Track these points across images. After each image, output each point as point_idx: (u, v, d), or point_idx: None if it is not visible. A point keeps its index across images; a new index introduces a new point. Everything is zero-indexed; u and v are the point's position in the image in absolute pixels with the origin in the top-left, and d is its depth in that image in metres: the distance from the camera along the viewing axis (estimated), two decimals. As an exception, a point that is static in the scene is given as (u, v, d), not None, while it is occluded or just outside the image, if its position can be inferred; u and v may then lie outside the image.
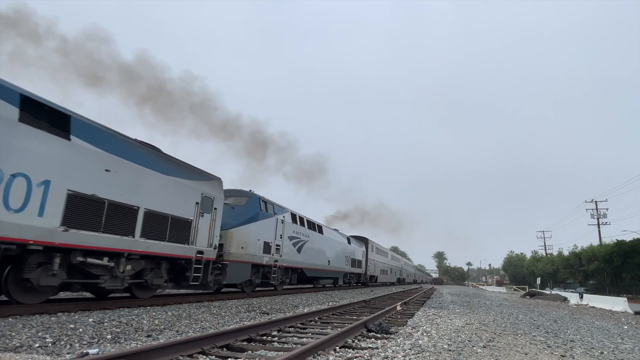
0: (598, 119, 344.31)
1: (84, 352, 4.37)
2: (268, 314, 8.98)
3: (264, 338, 5.68)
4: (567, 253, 62.93)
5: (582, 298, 24.96)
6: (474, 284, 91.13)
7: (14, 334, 4.98)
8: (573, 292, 36.81)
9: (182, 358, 4.20)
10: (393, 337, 6.24)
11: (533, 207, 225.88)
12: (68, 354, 4.35)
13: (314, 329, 6.80)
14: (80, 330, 5.55)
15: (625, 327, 10.94)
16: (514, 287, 63.21)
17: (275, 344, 5.35)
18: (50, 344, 4.73)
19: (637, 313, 16.51)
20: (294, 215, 18.17)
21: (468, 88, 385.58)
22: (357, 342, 5.72)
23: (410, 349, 5.06)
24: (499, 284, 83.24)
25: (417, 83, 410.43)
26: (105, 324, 6.12)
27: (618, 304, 19.79)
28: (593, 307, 20.97)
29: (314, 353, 4.59)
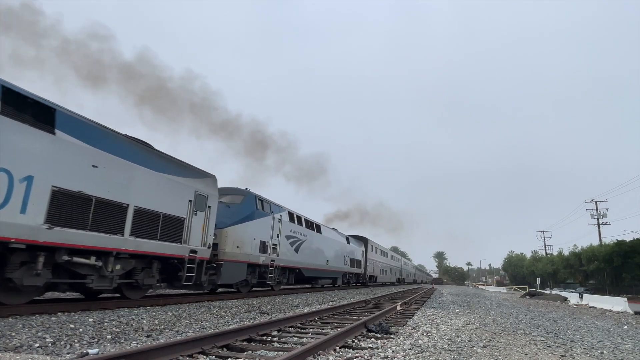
0: (598, 119, 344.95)
1: (84, 352, 4.37)
2: (268, 314, 8.98)
3: (264, 338, 5.68)
4: (567, 253, 63.05)
5: (582, 298, 24.96)
6: (474, 284, 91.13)
7: (14, 334, 4.98)
8: (573, 292, 36.81)
9: (182, 358, 4.20)
10: (393, 337, 6.24)
11: (533, 207, 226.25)
12: (68, 354, 4.35)
13: (314, 329, 6.80)
14: (80, 330, 5.55)
15: (625, 327, 10.94)
16: (514, 287, 63.22)
17: (275, 344, 5.35)
18: (50, 344, 4.74)
19: (637, 313, 16.51)
20: (292, 214, 17.98)
21: (468, 88, 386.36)
22: (357, 342, 5.72)
23: (410, 349, 5.07)
24: (499, 284, 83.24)
25: (417, 83, 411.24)
26: (105, 324, 6.12)
27: (618, 304, 19.80)
28: (593, 307, 20.97)
29: (314, 353, 4.59)
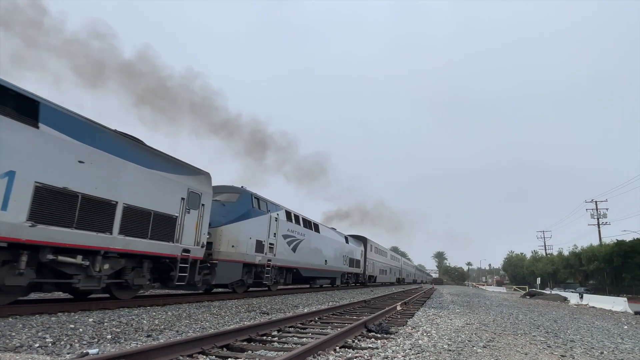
0: (598, 119, 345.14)
1: (84, 352, 4.37)
2: (268, 314, 8.98)
3: (264, 338, 5.68)
4: (567, 253, 63.05)
5: (582, 298, 24.96)
6: (474, 284, 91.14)
7: (14, 334, 4.99)
8: (573, 292, 36.82)
9: (182, 358, 4.20)
10: (393, 337, 6.24)
11: (533, 207, 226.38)
12: (68, 354, 4.35)
13: (314, 329, 6.79)
14: (80, 330, 5.55)
15: (625, 327, 10.94)
16: (514, 287, 63.23)
17: (275, 344, 5.35)
18: (50, 344, 4.74)
19: (637, 313, 16.52)
20: (289, 213, 17.77)
21: (468, 88, 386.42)
22: (357, 342, 5.72)
23: (410, 349, 5.07)
24: (499, 284, 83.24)
25: (417, 83, 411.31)
26: (105, 324, 6.13)
27: (618, 304, 19.80)
28: (593, 307, 20.98)
29: (314, 353, 4.59)
